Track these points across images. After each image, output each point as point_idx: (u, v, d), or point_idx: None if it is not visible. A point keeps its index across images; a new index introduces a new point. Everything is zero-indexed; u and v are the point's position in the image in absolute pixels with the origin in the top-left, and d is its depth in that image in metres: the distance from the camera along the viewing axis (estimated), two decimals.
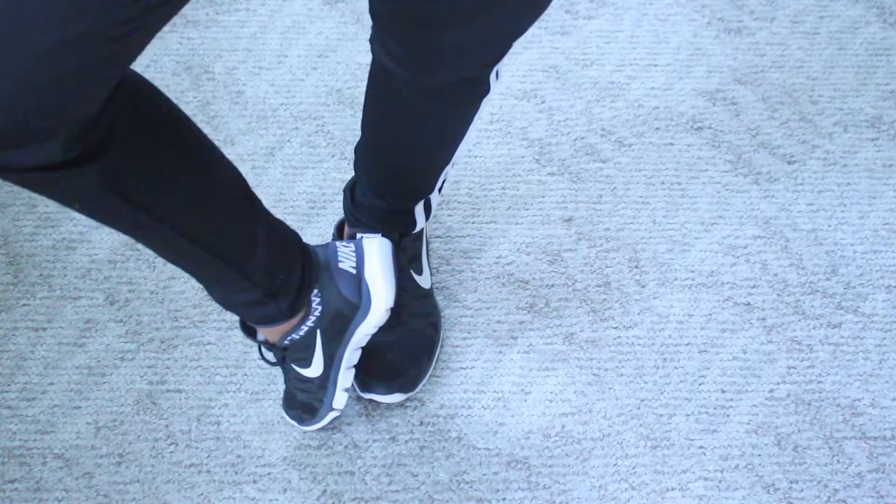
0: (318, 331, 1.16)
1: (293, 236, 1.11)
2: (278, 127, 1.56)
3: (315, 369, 1.21)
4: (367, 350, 1.28)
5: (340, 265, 1.15)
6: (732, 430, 1.34)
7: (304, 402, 1.27)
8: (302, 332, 1.15)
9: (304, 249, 1.12)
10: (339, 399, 1.25)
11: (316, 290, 1.13)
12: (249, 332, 1.18)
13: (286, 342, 1.15)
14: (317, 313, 1.14)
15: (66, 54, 0.72)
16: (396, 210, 1.27)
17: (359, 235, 1.27)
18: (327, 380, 1.23)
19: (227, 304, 1.10)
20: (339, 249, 1.16)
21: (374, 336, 1.25)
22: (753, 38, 1.66)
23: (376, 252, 1.16)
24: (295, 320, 1.13)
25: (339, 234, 1.34)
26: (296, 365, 1.21)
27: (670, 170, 1.53)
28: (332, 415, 1.27)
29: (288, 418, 1.30)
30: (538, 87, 1.61)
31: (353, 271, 1.15)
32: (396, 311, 1.30)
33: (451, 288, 1.43)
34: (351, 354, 1.21)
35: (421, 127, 1.12)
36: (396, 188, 1.24)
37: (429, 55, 0.99)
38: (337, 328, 1.17)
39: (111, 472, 1.29)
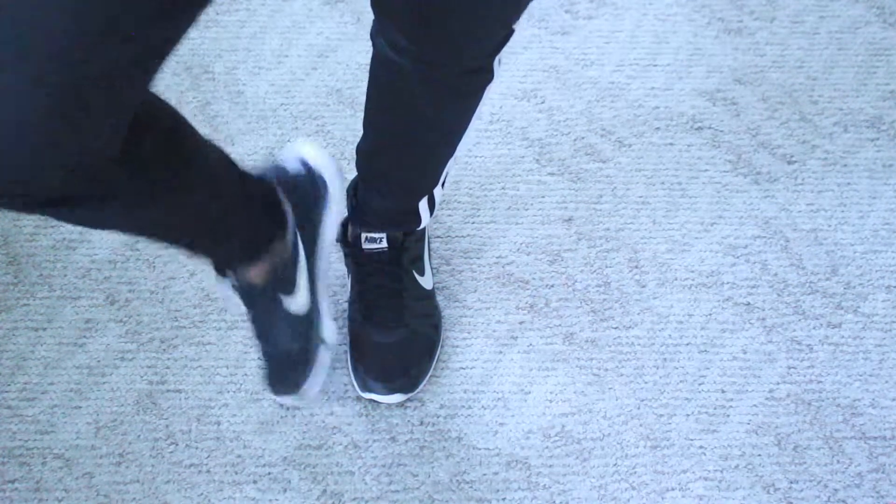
0: (300, 241, 1.21)
1: (267, 204, 1.17)
2: (278, 127, 1.56)
3: (301, 297, 1.22)
4: (368, 350, 1.28)
5: (290, 171, 1.23)
6: (732, 430, 1.34)
7: (294, 357, 1.26)
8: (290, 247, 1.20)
9: (276, 201, 1.18)
10: (329, 329, 1.26)
11: (286, 201, 1.20)
12: (224, 272, 1.20)
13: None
14: (290, 219, 1.20)
15: (90, 86, 0.72)
16: (401, 207, 1.27)
17: (363, 236, 1.28)
18: (314, 312, 1.24)
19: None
20: (281, 164, 1.23)
21: (375, 336, 1.27)
22: (753, 38, 1.66)
23: (308, 145, 1.26)
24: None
25: (343, 233, 1.34)
26: (283, 294, 1.21)
27: (670, 170, 1.53)
28: (325, 355, 1.26)
29: (281, 396, 1.28)
30: (538, 87, 1.61)
31: (303, 168, 1.23)
32: (398, 312, 1.31)
33: (451, 288, 1.43)
34: (325, 268, 1.25)
35: (425, 120, 1.12)
36: (400, 185, 1.25)
37: (434, 45, 0.99)
38: (310, 230, 1.23)
39: (111, 472, 1.29)
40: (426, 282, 1.36)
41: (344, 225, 1.35)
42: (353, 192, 1.29)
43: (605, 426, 1.33)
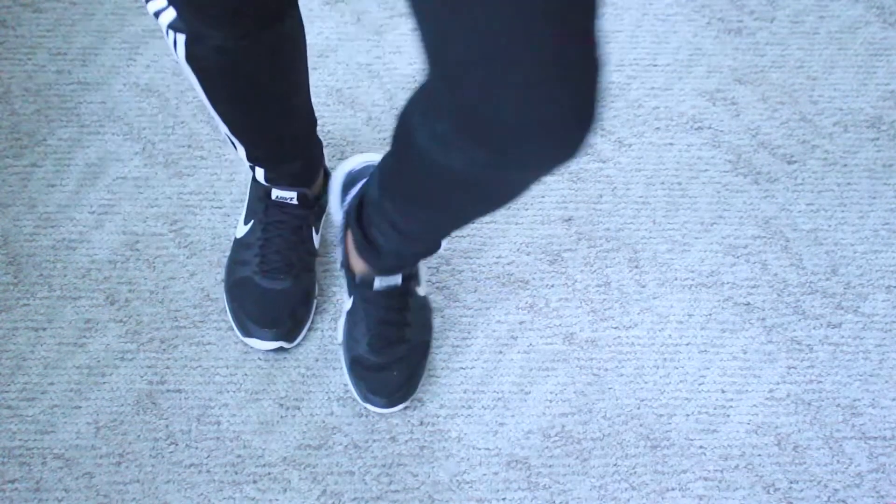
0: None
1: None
2: None
3: (317, 239, 1.39)
4: (370, 368, 1.28)
5: None
6: (732, 430, 1.34)
7: (296, 298, 1.33)
8: None
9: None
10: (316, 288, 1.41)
11: None
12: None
13: None
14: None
15: None
16: (416, 251, 1.23)
17: (377, 278, 1.26)
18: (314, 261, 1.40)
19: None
20: None
21: (378, 357, 1.28)
22: (753, 38, 1.66)
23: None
24: None
25: (344, 258, 1.31)
26: (314, 228, 1.38)
27: (670, 170, 1.53)
28: (311, 312, 1.37)
29: (273, 341, 1.33)
30: None
31: None
32: (402, 332, 1.29)
33: (451, 288, 1.43)
34: None
35: (461, 203, 1.03)
36: (416, 241, 1.16)
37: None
38: None
39: (111, 472, 1.29)
40: (422, 289, 1.35)
41: (341, 241, 1.28)
42: (357, 222, 1.15)
43: (605, 426, 1.33)
